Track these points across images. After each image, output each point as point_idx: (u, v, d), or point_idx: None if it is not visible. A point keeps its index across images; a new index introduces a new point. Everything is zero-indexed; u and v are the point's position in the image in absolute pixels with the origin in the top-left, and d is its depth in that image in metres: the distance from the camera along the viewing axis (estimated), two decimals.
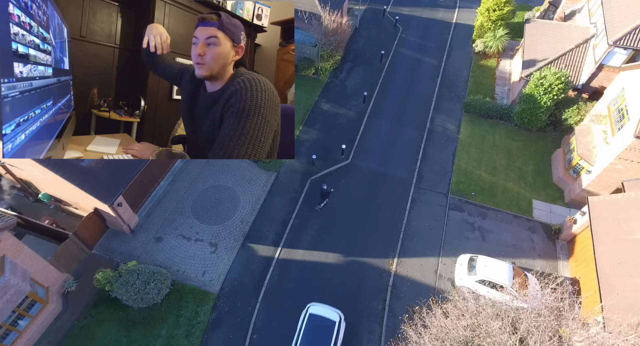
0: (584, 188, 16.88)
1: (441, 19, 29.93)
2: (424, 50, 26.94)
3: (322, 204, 17.95)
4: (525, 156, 20.09)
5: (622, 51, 18.15)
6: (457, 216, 17.64)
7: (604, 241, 13.38)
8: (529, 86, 19.75)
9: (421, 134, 21.45)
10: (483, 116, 22.15)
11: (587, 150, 16.92)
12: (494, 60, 25.99)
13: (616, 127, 15.74)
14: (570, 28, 21.84)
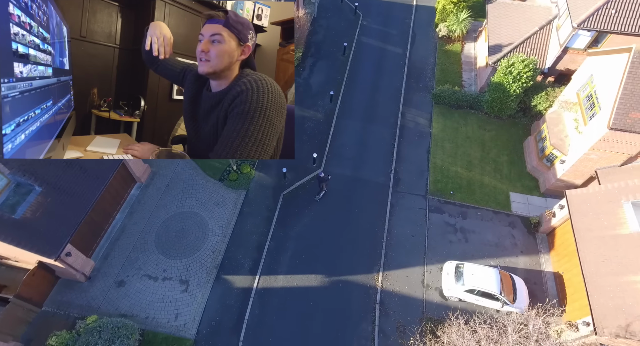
0: (559, 177, 16.78)
1: (401, 2, 28.62)
2: (387, 38, 25.71)
3: (322, 194, 17.64)
4: (498, 147, 19.77)
5: (586, 33, 17.81)
6: (438, 218, 17.15)
7: (586, 237, 13.27)
8: (498, 74, 19.18)
9: (393, 132, 20.57)
10: (453, 107, 21.53)
11: (559, 139, 16.70)
12: (459, 44, 25.24)
13: (587, 116, 15.51)
14: (533, 9, 21.30)
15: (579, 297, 13.32)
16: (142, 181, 17.30)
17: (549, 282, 15.17)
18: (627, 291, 11.59)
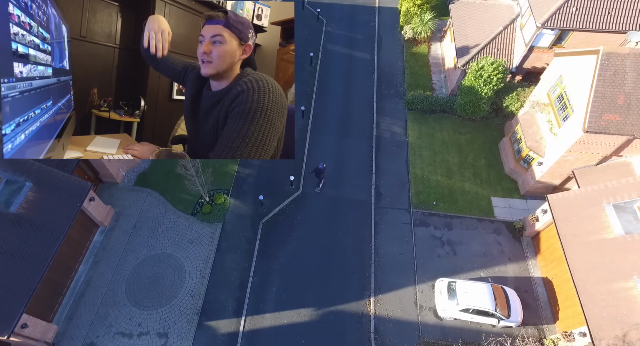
0: (538, 180, 16.75)
1: (364, 4, 28.02)
2: (353, 44, 25.04)
3: (321, 185, 17.89)
4: (475, 150, 19.61)
5: (550, 32, 17.84)
6: (423, 232, 16.73)
7: (573, 244, 13.19)
8: (468, 77, 18.96)
9: (370, 144, 19.98)
10: (427, 112, 21.20)
11: (535, 141, 16.65)
12: (425, 45, 24.96)
13: (560, 118, 15.48)
14: (495, 7, 21.23)
15: (572, 304, 13.26)
16: (105, 224, 15.82)
17: (539, 288, 15.10)
18: (620, 299, 11.53)
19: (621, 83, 13.23)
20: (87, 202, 14.34)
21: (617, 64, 13.19)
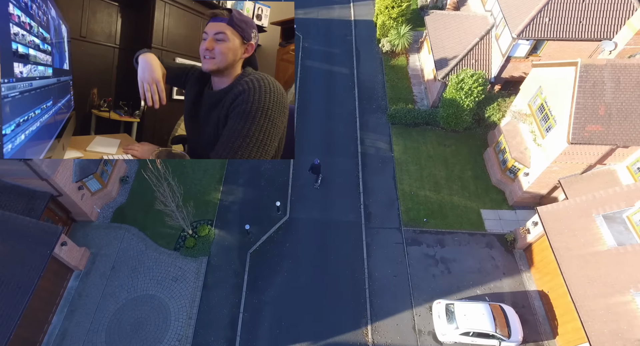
0: (525, 190, 16.70)
1: (339, 18, 27.89)
2: (331, 59, 24.78)
3: (319, 181, 18.23)
4: (460, 162, 19.50)
5: (525, 42, 18.00)
6: (416, 251, 16.36)
7: (567, 257, 13.05)
8: (449, 90, 18.90)
9: (355, 162, 19.59)
10: (410, 125, 21.03)
11: (519, 152, 16.62)
12: (403, 57, 24.93)
13: (543, 129, 15.49)
14: (469, 18, 21.38)
15: (570, 319, 13.07)
16: (80, 268, 14.79)
17: (536, 302, 14.91)
18: (619, 314, 11.38)
19: (601, 94, 13.30)
20: (58, 248, 13.33)
21: (596, 75, 13.26)
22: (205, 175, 18.60)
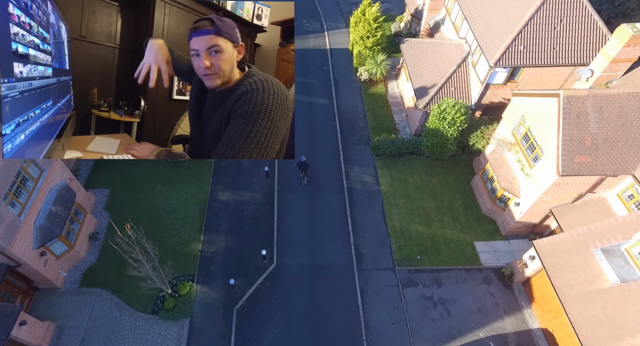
0: (517, 220, 16.30)
1: (314, 47, 27.69)
2: (310, 90, 24.33)
3: (306, 178, 18.87)
4: (449, 192, 19.06)
5: (503, 69, 18.02)
6: (413, 294, 15.54)
7: (570, 296, 12.50)
8: (431, 119, 18.62)
9: (342, 198, 18.84)
10: (395, 156, 20.58)
11: (508, 182, 16.30)
12: (382, 85, 24.78)
13: (531, 159, 15.24)
14: (445, 46, 21.45)
15: None
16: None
17: (541, 342, 14.27)
18: None
19: (585, 125, 13.15)
20: (16, 329, 11.79)
21: (579, 106, 13.13)
22: (184, 224, 17.39)
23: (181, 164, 19.63)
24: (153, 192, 18.42)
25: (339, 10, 31.18)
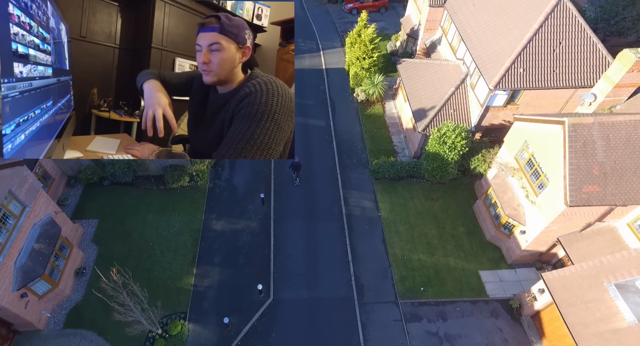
0: (524, 249, 15.69)
1: (310, 67, 27.42)
2: (307, 111, 23.90)
3: (298, 179, 19.31)
4: (451, 217, 18.46)
5: (502, 92, 17.69)
6: (417, 329, 14.77)
7: (585, 336, 11.81)
8: (431, 143, 18.16)
9: (341, 225, 18.17)
10: (394, 179, 20.04)
11: (513, 209, 15.75)
12: (379, 105, 24.43)
13: (536, 186, 14.73)
14: (442, 67, 21.19)
15: None
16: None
17: None
18: None
19: (592, 153, 12.70)
20: None
21: (585, 134, 12.71)
22: (176, 256, 16.60)
23: (174, 191, 18.95)
24: (144, 222, 17.66)
25: (334, 29, 31.11)
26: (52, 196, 17.60)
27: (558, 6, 16.72)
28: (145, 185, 19.12)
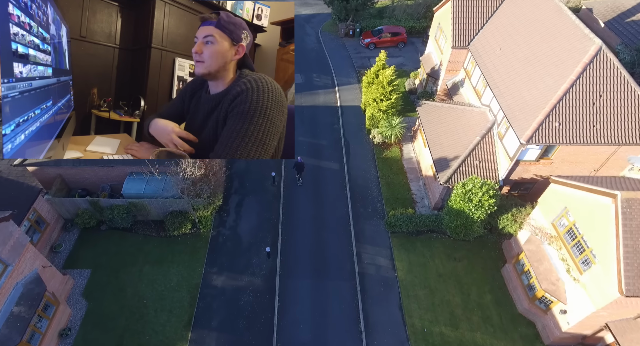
0: (564, 331, 13.65)
1: (324, 104, 26.40)
2: (319, 152, 22.67)
3: (301, 180, 19.70)
4: (476, 282, 16.56)
5: (535, 146, 16.12)
6: None
7: None
8: (455, 199, 16.55)
9: (353, 286, 16.45)
10: (412, 233, 18.35)
11: (551, 284, 13.84)
12: (397, 148, 23.05)
13: (579, 261, 12.89)
14: (466, 112, 19.83)
15: None
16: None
17: None
18: None
19: None
20: None
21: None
22: (170, 317, 15.09)
23: (174, 239, 17.65)
24: (140, 274, 16.30)
25: (350, 64, 30.34)
26: (45, 242, 16.52)
27: (597, 56, 15.36)
28: (145, 231, 17.91)
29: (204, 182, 16.27)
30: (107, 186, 18.35)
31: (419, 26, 32.69)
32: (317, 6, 37.42)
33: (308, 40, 32.96)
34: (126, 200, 16.97)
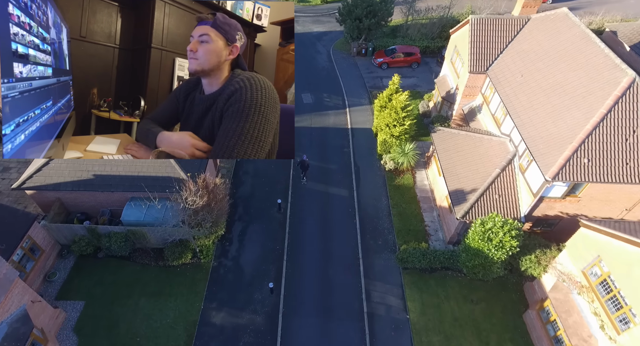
0: None
1: (334, 126, 25.57)
2: (328, 178, 21.72)
3: (305, 178, 19.91)
4: (496, 328, 15.23)
5: (561, 183, 14.95)
6: None
7: None
8: (473, 237, 15.35)
9: (361, 328, 15.26)
10: (426, 270, 17.15)
11: (583, 341, 12.49)
12: (409, 175, 21.99)
13: (615, 319, 11.57)
14: (484, 141, 18.76)
15: None
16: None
17: None
18: None
19: None
20: None
21: None
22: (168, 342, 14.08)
23: (173, 269, 16.76)
24: (135, 308, 15.39)
25: (362, 84, 29.61)
26: (39, 270, 15.78)
27: (630, 88, 14.28)
28: (143, 260, 17.06)
29: (207, 211, 15.44)
30: (107, 210, 17.65)
31: (433, 46, 31.93)
32: (329, 24, 37.05)
33: (319, 58, 32.40)
34: (125, 228, 16.21)
